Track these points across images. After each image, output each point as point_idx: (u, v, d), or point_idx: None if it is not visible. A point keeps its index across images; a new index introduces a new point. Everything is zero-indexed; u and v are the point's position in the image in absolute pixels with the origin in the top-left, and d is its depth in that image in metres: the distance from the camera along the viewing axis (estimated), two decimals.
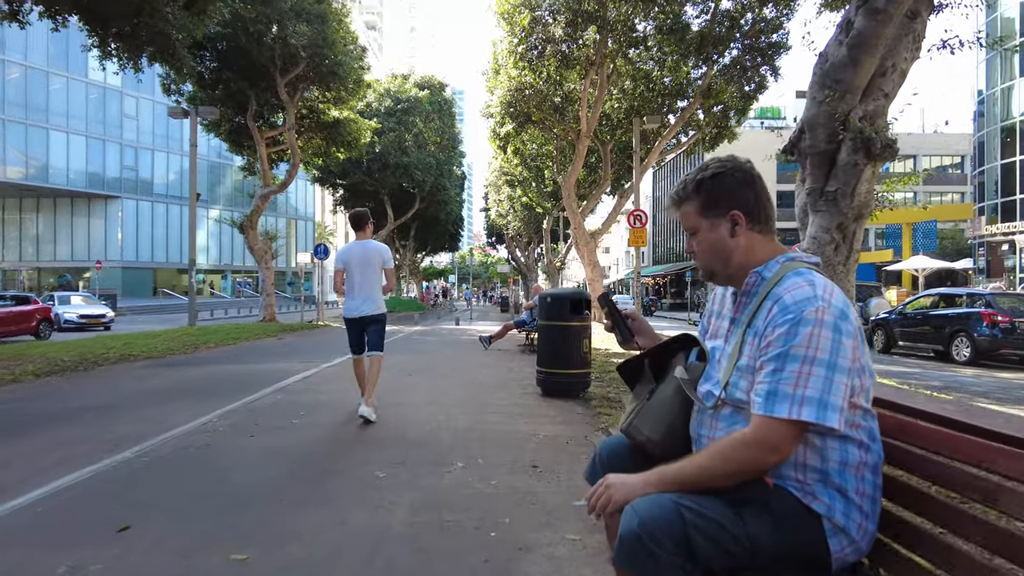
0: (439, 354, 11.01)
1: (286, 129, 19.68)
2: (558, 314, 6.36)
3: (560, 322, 6.34)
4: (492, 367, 9.07)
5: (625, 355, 1.89)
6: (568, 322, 6.30)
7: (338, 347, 11.76)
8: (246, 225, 20.95)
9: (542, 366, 6.51)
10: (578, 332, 6.35)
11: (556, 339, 6.40)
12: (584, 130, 18.94)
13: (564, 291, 6.48)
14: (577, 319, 6.34)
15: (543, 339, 6.55)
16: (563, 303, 6.35)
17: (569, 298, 6.36)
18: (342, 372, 8.30)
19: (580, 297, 6.42)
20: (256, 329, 16.16)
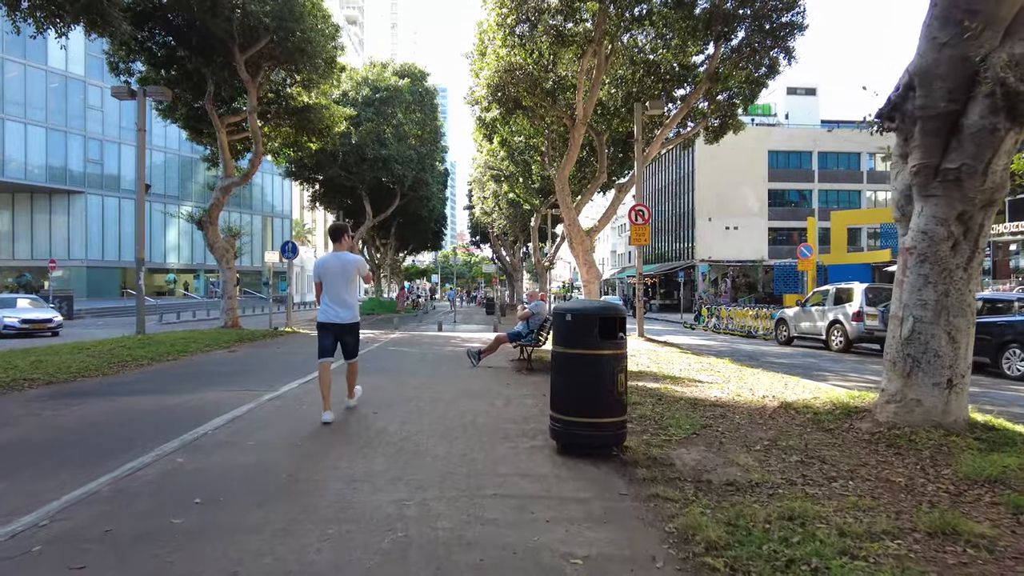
0: (416, 375, 9.09)
1: (247, 113, 17.61)
2: (582, 339, 4.47)
3: (585, 350, 4.46)
4: (484, 396, 7.17)
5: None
6: (597, 350, 4.43)
7: (296, 364, 9.83)
8: (205, 220, 18.87)
9: (558, 411, 4.62)
10: (610, 364, 4.48)
11: (578, 374, 4.52)
12: (580, 116, 17.11)
13: (589, 305, 4.56)
14: (610, 346, 4.47)
15: (559, 373, 4.66)
16: (589, 324, 4.46)
17: (598, 315, 4.47)
18: (288, 407, 6.38)
19: (614, 314, 4.56)
20: (209, 338, 14.14)
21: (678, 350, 14.10)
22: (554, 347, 4.71)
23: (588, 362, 4.47)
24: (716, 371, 10.01)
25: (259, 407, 6.30)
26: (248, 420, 5.70)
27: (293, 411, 6.06)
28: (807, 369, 12.66)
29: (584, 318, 4.49)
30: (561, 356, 4.62)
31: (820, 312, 18.35)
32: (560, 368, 4.64)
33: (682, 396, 7.20)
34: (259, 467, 4.25)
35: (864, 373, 12.25)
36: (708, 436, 5.22)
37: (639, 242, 16.66)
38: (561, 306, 4.66)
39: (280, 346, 13.51)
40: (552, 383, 4.76)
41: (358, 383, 6.56)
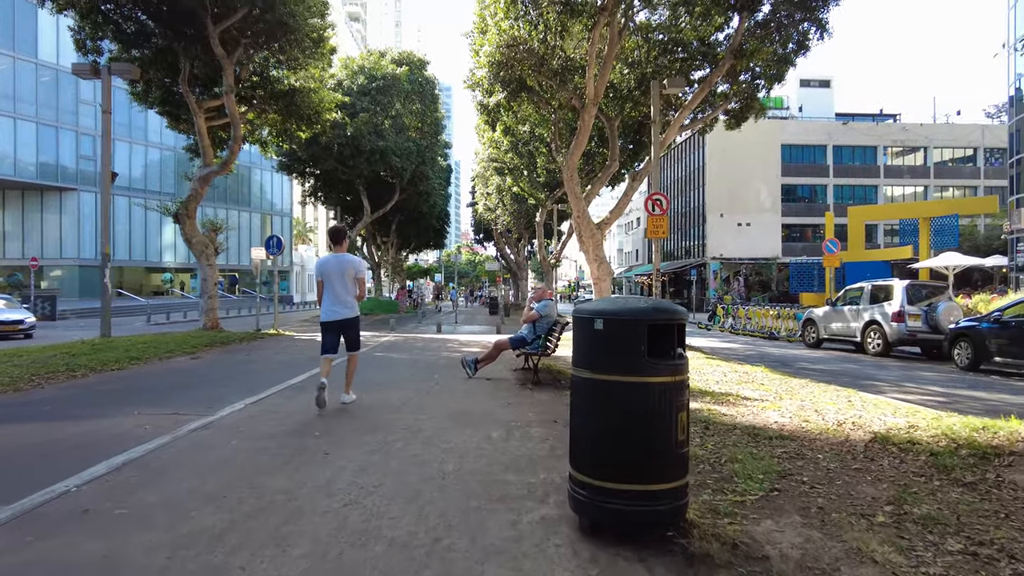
0: (400, 389, 7.47)
1: (224, 92, 16.02)
2: (622, 358, 2.84)
3: (626, 376, 2.84)
4: (478, 423, 5.55)
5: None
6: (646, 375, 2.81)
7: (258, 376, 8.25)
8: (181, 214, 17.31)
9: (584, 471, 2.98)
10: (666, 398, 2.85)
11: (616, 414, 2.88)
12: (591, 96, 15.47)
13: (630, 304, 2.91)
14: (666, 369, 2.85)
15: (585, 412, 3.03)
16: (633, 334, 2.82)
17: (647, 321, 2.83)
18: (210, 444, 4.79)
19: (670, 318, 2.93)
20: (177, 342, 12.56)
21: (703, 355, 12.45)
22: (575, 370, 3.08)
23: (632, 395, 2.84)
24: (759, 383, 8.37)
25: (173, 443, 4.69)
26: (142, 467, 4.08)
27: (213, 451, 4.46)
28: (853, 377, 11.02)
29: (624, 325, 2.86)
30: (587, 385, 2.99)
31: (854, 312, 16.68)
32: (586, 403, 3.02)
33: (734, 422, 5.58)
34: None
35: (922, 383, 10.58)
36: (796, 493, 3.60)
37: (656, 235, 15.00)
38: (586, 306, 3.03)
39: (253, 352, 11.92)
40: (573, 426, 3.14)
41: (353, 392, 6.67)
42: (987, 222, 46.63)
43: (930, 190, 52.18)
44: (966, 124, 53.13)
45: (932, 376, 11.67)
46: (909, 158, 52.78)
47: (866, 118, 55.88)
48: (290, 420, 5.54)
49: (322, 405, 6.04)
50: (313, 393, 6.25)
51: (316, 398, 6.05)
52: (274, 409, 6.09)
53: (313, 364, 9.78)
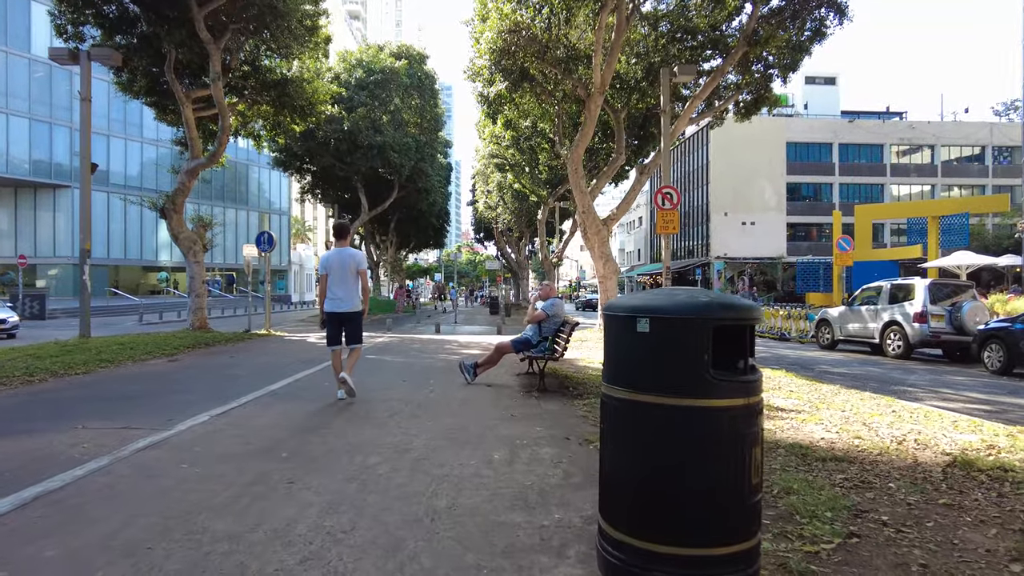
0: (388, 400, 6.67)
1: (211, 80, 15.22)
2: (675, 372, 2.07)
3: (679, 398, 2.05)
4: (476, 441, 4.73)
5: None
6: (709, 398, 2.03)
7: (235, 382, 7.47)
8: (168, 208, 16.51)
9: (618, 525, 2.19)
10: (736, 429, 2.07)
11: (663, 450, 2.10)
12: (597, 84, 14.70)
13: (685, 299, 2.13)
14: (735, 388, 2.07)
15: (619, 446, 2.24)
16: (691, 339, 2.05)
17: (711, 321, 2.05)
18: (149, 472, 4.00)
19: (739, 318, 2.13)
20: (157, 343, 11.77)
21: None
22: (608, 388, 2.28)
23: (690, 425, 2.06)
24: (787, 390, 7.59)
25: (108, 468, 3.89)
26: (57, 503, 3.25)
27: (154, 479, 3.67)
28: (881, 382, 10.23)
29: (681, 327, 2.07)
30: (626, 410, 2.19)
31: (872, 312, 15.87)
32: (624, 435, 2.22)
33: (774, 438, 4.79)
34: None
35: (958, 389, 9.79)
36: (881, 540, 2.82)
37: (666, 230, 14.19)
38: (625, 300, 2.24)
39: (237, 354, 11.13)
40: (605, 464, 2.34)
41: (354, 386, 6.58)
42: (996, 221, 45.79)
43: (937, 189, 51.37)
44: (974, 122, 52.30)
45: (965, 381, 10.88)
46: (916, 156, 51.96)
47: (872, 116, 55.03)
48: (257, 437, 4.75)
49: (352, 395, 6.42)
50: (292, 402, 5.85)
51: (345, 391, 6.38)
52: (242, 422, 5.30)
53: (298, 368, 9.01)
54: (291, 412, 5.75)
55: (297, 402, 6.28)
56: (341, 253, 6.58)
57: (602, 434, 2.35)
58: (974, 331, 13.39)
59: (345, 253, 6.57)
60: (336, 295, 6.50)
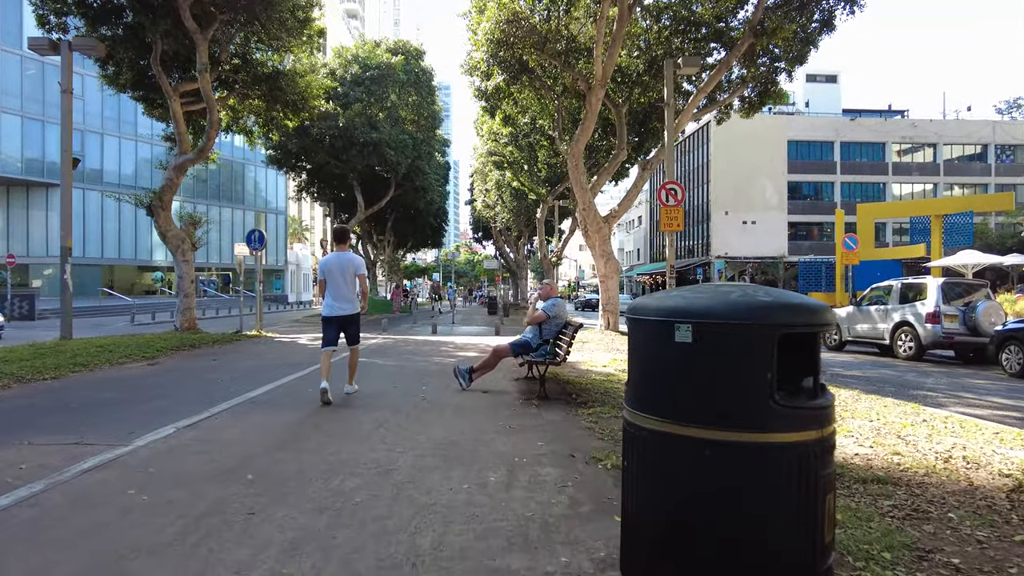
0: (375, 408, 6.15)
1: (198, 72, 14.67)
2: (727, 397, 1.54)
3: (735, 432, 1.53)
4: (469, 459, 4.20)
5: None
6: (773, 431, 1.50)
7: (220, 390, 6.96)
8: (155, 205, 15.99)
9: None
10: (806, 471, 1.54)
11: (711, 499, 1.57)
12: (599, 77, 14.19)
13: (734, 297, 1.60)
14: (803, 417, 1.55)
15: (649, 490, 1.71)
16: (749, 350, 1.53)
17: (777, 328, 1.53)
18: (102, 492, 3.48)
19: (809, 324, 1.61)
20: (140, 345, 11.24)
21: None
22: (634, 414, 1.76)
23: (747, 467, 1.53)
24: None
25: (41, 496, 3.35)
26: None
27: (91, 510, 3.14)
28: (897, 386, 9.72)
29: (736, 335, 1.55)
30: (660, 445, 1.67)
31: (882, 312, 15.37)
32: (656, 476, 1.70)
33: None
34: None
35: (980, 393, 9.28)
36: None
37: (671, 227, 13.69)
38: (656, 301, 1.72)
39: (221, 357, 10.60)
40: (629, 507, 1.82)
41: (356, 384, 6.88)
42: (1000, 220, 45.32)
43: (939, 187, 50.91)
44: (977, 120, 51.86)
45: (985, 384, 10.38)
46: (918, 155, 51.51)
47: (874, 114, 54.59)
48: (224, 453, 4.23)
49: (328, 403, 6.18)
50: (270, 411, 5.52)
51: (322, 400, 6.18)
52: (211, 435, 4.78)
53: (284, 372, 8.49)
54: (267, 423, 5.23)
55: (276, 411, 5.76)
56: (340, 257, 6.67)
57: (625, 473, 1.83)
58: (989, 332, 12.90)
59: (344, 258, 6.67)
60: (335, 299, 6.55)
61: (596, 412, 5.68)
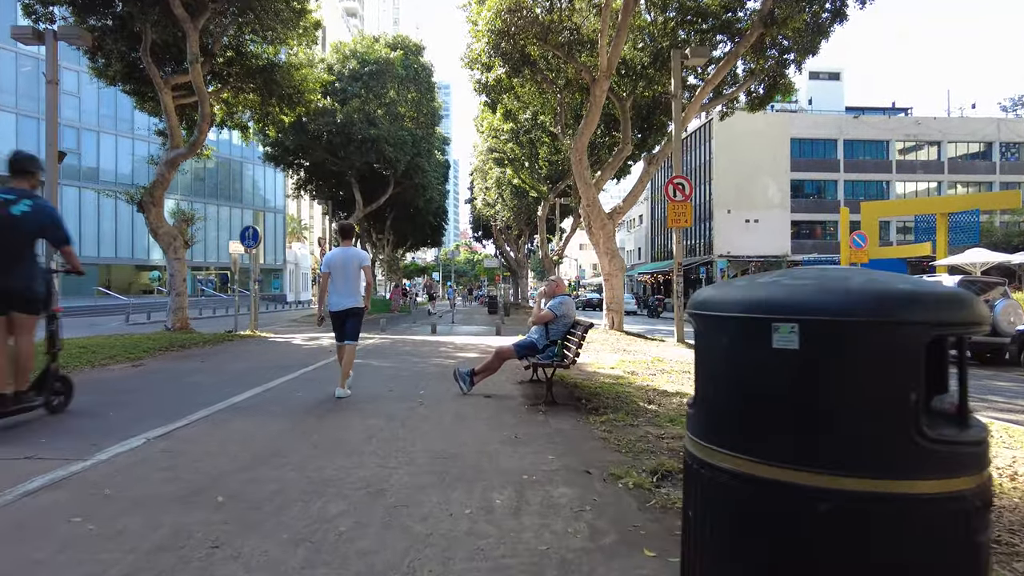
0: (371, 413, 5.67)
1: (189, 63, 14.18)
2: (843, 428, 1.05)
3: (856, 478, 1.04)
4: (472, 476, 3.71)
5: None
6: (920, 474, 1.02)
7: (203, 394, 6.50)
8: (146, 201, 15.51)
9: None
10: (962, 530, 1.05)
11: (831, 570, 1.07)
12: (604, 68, 13.70)
13: (862, 285, 1.12)
14: (964, 456, 1.06)
15: (724, 552, 1.21)
16: (886, 360, 1.04)
17: (926, 328, 1.04)
18: (44, 518, 3.01)
19: (968, 327, 1.12)
20: (126, 346, 10.76)
21: None
22: (697, 445, 1.27)
23: (883, 529, 1.02)
24: None
25: None
26: None
27: (22, 543, 2.66)
28: None
29: (862, 338, 1.04)
30: (739, 490, 1.17)
31: None
32: (740, 535, 1.20)
33: None
34: None
35: (1009, 396, 8.80)
36: None
37: (678, 224, 13.22)
38: (743, 292, 1.22)
39: (211, 358, 10.11)
40: (697, 567, 1.32)
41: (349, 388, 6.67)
42: (1005, 218, 44.85)
43: (944, 186, 50.43)
44: (981, 118, 51.39)
45: (1009, 387, 9.89)
46: (922, 153, 51.04)
47: (877, 111, 54.12)
48: (193, 470, 3.75)
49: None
50: (253, 418, 5.18)
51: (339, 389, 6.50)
52: (183, 447, 4.30)
53: (273, 375, 8.01)
54: (248, 432, 4.75)
55: (259, 418, 5.28)
56: (345, 252, 6.76)
57: (687, 523, 1.35)
58: (1009, 332, 12.45)
59: (349, 252, 6.76)
60: (339, 293, 6.64)
61: (609, 420, 5.20)
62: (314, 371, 8.52)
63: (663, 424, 5.08)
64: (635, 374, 8.41)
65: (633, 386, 7.20)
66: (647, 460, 4.02)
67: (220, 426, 4.98)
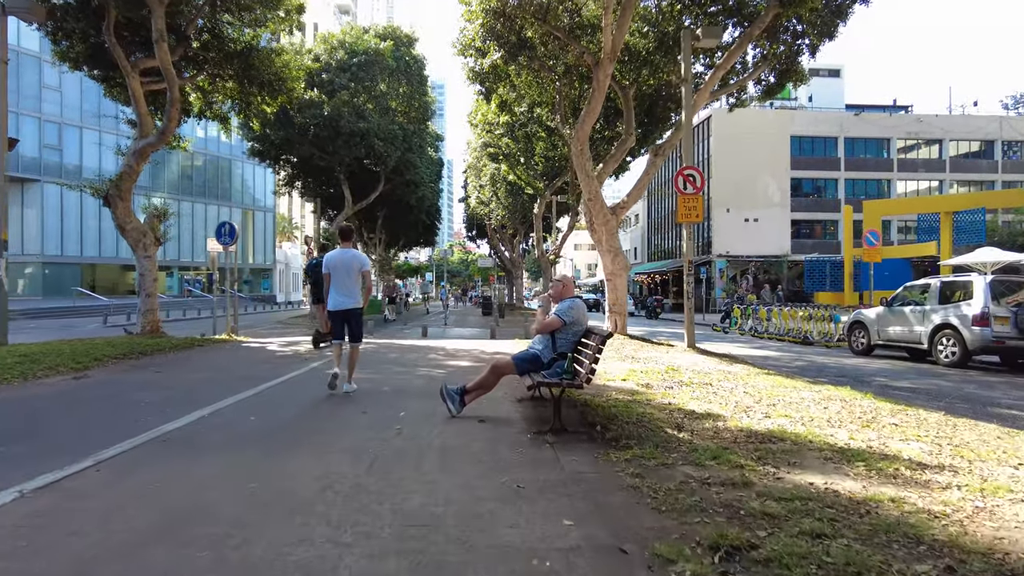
0: (331, 448, 4.53)
1: (154, 41, 12.97)
2: None
3: None
4: (457, 565, 2.60)
5: None
6: None
7: (144, 415, 5.35)
8: (112, 195, 14.33)
9: None
10: None
11: None
12: (608, 50, 12.60)
13: None
14: None
15: None
16: None
17: None
18: None
19: None
20: (74, 354, 9.58)
21: (760, 371, 9.58)
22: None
23: None
24: (889, 423, 5.50)
25: None
26: None
27: None
28: (968, 402, 8.19)
29: None
30: None
31: (918, 314, 13.85)
32: None
33: (954, 540, 2.71)
34: None
35: None
36: None
37: (689, 218, 12.14)
38: None
39: (171, 367, 8.95)
40: None
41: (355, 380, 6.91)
42: (1008, 218, 44.00)
43: (945, 184, 49.58)
44: (983, 116, 50.57)
45: None
46: (924, 151, 50.19)
47: (878, 109, 53.24)
48: (58, 549, 2.61)
49: (334, 388, 6.71)
50: (180, 456, 3.81)
51: (328, 383, 6.72)
52: (63, 508, 3.15)
53: (230, 390, 6.87)
54: (167, 479, 3.62)
55: (190, 455, 4.15)
56: (344, 254, 6.95)
57: None
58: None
59: (348, 254, 6.95)
60: (339, 294, 6.84)
61: (636, 456, 4.09)
62: (279, 385, 7.38)
63: (704, 462, 3.98)
64: (650, 387, 7.32)
65: (653, 404, 6.10)
66: (699, 525, 2.92)
67: (134, 469, 3.84)
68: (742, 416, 5.64)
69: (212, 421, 5.29)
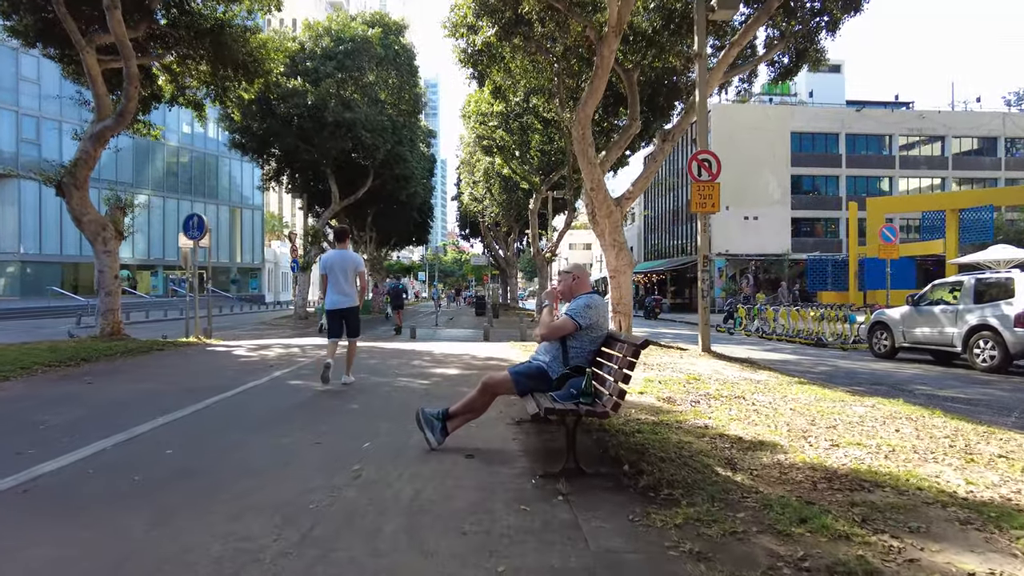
0: (259, 506, 3.25)
1: (105, 7, 11.62)
2: None
3: None
4: None
5: None
6: None
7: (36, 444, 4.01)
8: (67, 183, 13.01)
9: None
10: None
11: None
12: (613, 23, 11.34)
13: None
14: None
15: None
16: None
17: None
18: None
19: None
20: (7, 359, 8.27)
21: (791, 380, 8.36)
22: None
23: None
24: (963, 452, 4.28)
25: None
26: None
27: None
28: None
29: None
30: None
31: (950, 314, 12.67)
32: None
33: None
34: None
35: None
36: None
37: (704, 208, 10.92)
38: None
39: (101, 379, 7.62)
40: None
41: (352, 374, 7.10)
42: (1012, 216, 43.03)
43: (948, 182, 48.61)
44: (986, 112, 49.64)
45: None
46: (926, 148, 49.20)
47: (879, 105, 52.24)
48: None
49: (326, 381, 6.83)
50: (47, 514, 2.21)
51: (322, 375, 6.84)
52: None
53: (165, 407, 5.58)
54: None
55: (41, 519, 2.88)
56: (341, 255, 7.17)
57: None
58: None
59: (345, 255, 7.19)
60: (337, 293, 6.98)
61: (689, 519, 2.84)
62: (230, 399, 6.10)
63: (789, 529, 2.73)
64: (674, 403, 6.10)
65: (685, 428, 4.86)
66: None
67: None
68: (803, 444, 4.41)
69: (114, 456, 4.01)
